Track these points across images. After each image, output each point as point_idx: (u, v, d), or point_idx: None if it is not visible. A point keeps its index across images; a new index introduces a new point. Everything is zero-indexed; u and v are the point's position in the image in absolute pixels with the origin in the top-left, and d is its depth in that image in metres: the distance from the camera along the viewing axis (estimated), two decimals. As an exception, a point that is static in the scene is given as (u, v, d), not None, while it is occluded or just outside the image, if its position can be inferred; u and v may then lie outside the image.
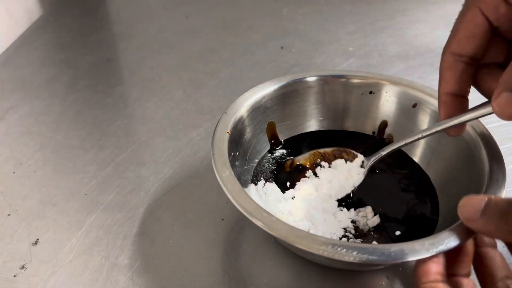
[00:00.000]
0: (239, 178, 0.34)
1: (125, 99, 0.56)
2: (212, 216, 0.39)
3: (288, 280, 0.34)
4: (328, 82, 0.43)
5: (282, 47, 0.67)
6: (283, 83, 0.42)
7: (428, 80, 0.57)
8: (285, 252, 0.36)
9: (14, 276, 0.35)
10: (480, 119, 0.32)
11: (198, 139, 0.49)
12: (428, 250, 0.26)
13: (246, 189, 0.33)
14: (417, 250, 0.26)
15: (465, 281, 0.27)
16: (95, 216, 0.40)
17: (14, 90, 0.58)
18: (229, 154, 0.35)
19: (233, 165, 0.34)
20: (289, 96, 0.42)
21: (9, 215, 0.40)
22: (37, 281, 0.34)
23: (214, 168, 0.33)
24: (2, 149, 0.48)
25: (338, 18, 0.75)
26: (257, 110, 0.40)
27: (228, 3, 0.82)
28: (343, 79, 0.43)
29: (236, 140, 0.38)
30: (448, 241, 0.27)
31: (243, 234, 0.38)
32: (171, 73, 0.61)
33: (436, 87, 0.32)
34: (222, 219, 0.39)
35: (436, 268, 0.26)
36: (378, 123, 0.43)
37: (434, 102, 0.38)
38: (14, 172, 0.45)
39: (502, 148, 0.34)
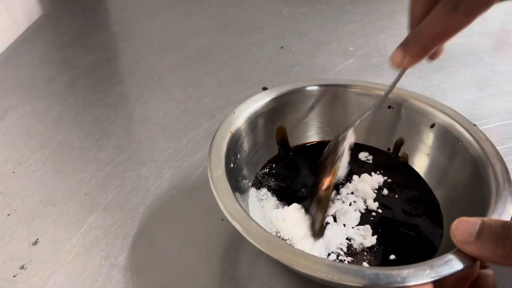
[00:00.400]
0: (235, 178, 0.34)
1: (125, 99, 0.56)
2: (212, 216, 0.39)
3: (288, 281, 0.34)
4: (345, 91, 0.42)
5: (282, 47, 0.67)
6: (298, 86, 0.41)
7: (427, 80, 0.57)
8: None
9: (14, 276, 0.35)
10: (480, 121, 0.32)
11: (198, 139, 0.49)
12: (413, 277, 0.25)
13: (243, 192, 0.33)
14: (395, 276, 0.25)
15: None
16: (95, 216, 0.40)
17: (14, 90, 0.58)
18: (228, 154, 0.34)
19: (229, 165, 0.34)
20: (302, 101, 0.42)
21: (9, 215, 0.40)
22: (37, 281, 0.34)
23: (208, 166, 0.33)
24: (2, 149, 0.48)
25: (338, 18, 0.75)
26: (266, 113, 0.40)
27: (228, 3, 0.82)
28: (360, 90, 0.42)
29: (240, 141, 0.37)
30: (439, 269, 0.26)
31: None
32: (171, 73, 0.61)
33: (437, 87, 0.32)
34: (222, 219, 0.39)
35: None
36: (394, 139, 0.42)
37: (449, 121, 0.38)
38: (14, 172, 0.45)
39: (502, 148, 0.34)
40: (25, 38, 0.71)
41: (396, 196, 0.38)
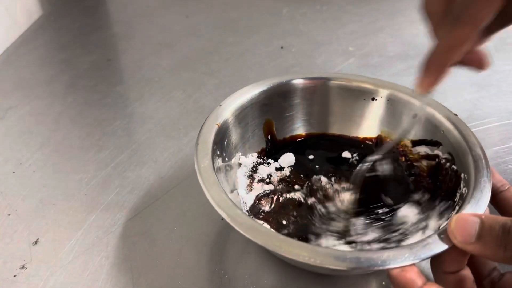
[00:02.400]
0: (222, 168, 0.35)
1: (125, 99, 0.56)
2: (212, 216, 0.39)
3: (289, 280, 0.34)
4: (329, 84, 0.42)
5: (282, 47, 0.67)
6: (283, 81, 0.42)
7: (428, 80, 0.57)
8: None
9: (14, 276, 0.35)
10: (480, 121, 0.32)
11: (198, 139, 0.49)
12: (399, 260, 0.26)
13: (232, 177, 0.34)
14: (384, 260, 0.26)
15: (464, 273, 0.28)
16: (95, 216, 0.40)
17: (14, 90, 0.58)
18: (215, 145, 0.35)
19: (216, 156, 0.35)
20: (289, 95, 0.42)
21: (9, 215, 0.40)
22: (37, 281, 0.34)
23: (195, 157, 0.33)
24: (2, 149, 0.48)
25: (338, 18, 0.75)
26: (252, 106, 0.40)
27: (228, 3, 0.82)
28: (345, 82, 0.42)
29: (227, 133, 0.38)
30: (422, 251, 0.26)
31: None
32: (171, 73, 0.61)
33: (440, 90, 0.32)
34: (222, 219, 0.38)
35: (414, 275, 0.26)
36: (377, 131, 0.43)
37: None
38: (14, 172, 0.45)
39: (502, 148, 0.34)
40: (25, 38, 0.71)
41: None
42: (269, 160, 0.41)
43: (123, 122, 0.52)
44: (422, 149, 0.39)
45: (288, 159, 0.42)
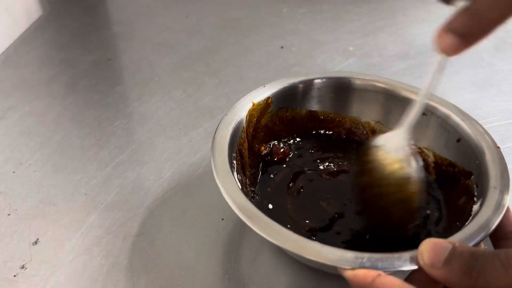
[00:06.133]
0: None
1: (125, 99, 0.56)
2: (212, 216, 0.39)
3: (288, 280, 0.34)
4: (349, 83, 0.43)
5: (282, 47, 0.67)
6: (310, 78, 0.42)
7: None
8: (286, 252, 0.36)
9: (14, 276, 0.35)
10: (480, 121, 0.32)
11: (198, 139, 0.49)
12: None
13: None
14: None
15: None
16: (95, 216, 0.40)
17: (14, 90, 0.58)
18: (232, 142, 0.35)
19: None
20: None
21: (9, 215, 0.40)
22: (37, 281, 0.34)
23: (211, 153, 0.33)
24: (2, 149, 0.48)
25: (338, 18, 0.75)
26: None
27: (228, 3, 0.81)
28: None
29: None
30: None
31: (243, 234, 0.38)
32: (171, 73, 0.61)
33: (437, 87, 0.32)
34: (222, 219, 0.39)
35: (364, 271, 0.26)
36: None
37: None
38: (14, 172, 0.45)
39: (502, 148, 0.34)
40: (25, 38, 0.71)
41: None
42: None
43: (123, 122, 0.52)
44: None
45: None
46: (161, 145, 0.48)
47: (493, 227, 0.28)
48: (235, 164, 0.35)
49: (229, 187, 0.31)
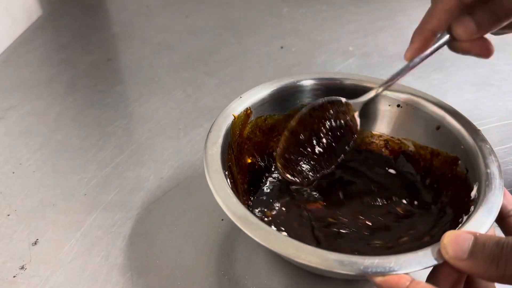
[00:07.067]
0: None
1: (125, 99, 0.56)
2: (212, 216, 0.39)
3: (288, 281, 0.34)
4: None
5: (282, 47, 0.67)
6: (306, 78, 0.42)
7: (428, 80, 0.57)
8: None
9: (14, 276, 0.35)
10: (480, 121, 0.32)
11: (198, 139, 0.49)
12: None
13: None
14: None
15: None
16: (95, 216, 0.40)
17: (14, 90, 0.58)
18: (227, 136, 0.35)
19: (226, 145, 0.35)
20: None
21: (8, 215, 0.40)
22: (37, 281, 0.34)
23: (204, 144, 0.34)
24: (2, 149, 0.48)
25: (338, 18, 0.75)
26: (272, 101, 0.40)
27: (228, 3, 0.82)
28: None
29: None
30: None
31: (243, 234, 0.37)
32: (171, 73, 0.61)
33: (437, 87, 0.32)
34: (222, 219, 0.39)
35: (396, 278, 0.25)
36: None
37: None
38: (14, 172, 0.45)
39: (502, 148, 0.34)
40: (25, 38, 0.71)
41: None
42: None
43: (123, 122, 0.52)
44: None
45: None
46: (161, 145, 0.48)
47: (499, 208, 0.29)
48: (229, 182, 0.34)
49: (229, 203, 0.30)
